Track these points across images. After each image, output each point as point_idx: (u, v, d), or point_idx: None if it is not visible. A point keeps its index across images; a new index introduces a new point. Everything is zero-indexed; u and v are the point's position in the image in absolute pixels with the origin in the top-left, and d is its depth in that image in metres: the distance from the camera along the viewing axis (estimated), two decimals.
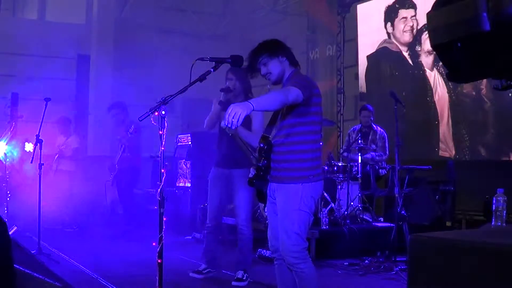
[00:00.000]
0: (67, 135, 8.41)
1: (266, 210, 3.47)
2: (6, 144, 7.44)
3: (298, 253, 3.19)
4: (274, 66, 3.35)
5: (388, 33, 8.97)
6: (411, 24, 8.53)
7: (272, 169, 3.31)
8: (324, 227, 5.93)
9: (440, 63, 7.16)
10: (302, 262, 3.19)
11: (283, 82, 3.38)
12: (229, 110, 2.83)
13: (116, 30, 11.43)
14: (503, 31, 2.15)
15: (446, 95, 7.92)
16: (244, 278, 4.80)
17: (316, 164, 3.30)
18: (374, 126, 7.22)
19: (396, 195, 5.68)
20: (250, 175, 3.37)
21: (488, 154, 7.36)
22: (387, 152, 7.09)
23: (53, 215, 7.32)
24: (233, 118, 2.82)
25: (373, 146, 7.09)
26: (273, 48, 3.37)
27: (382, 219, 6.75)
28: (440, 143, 7.93)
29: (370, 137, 7.17)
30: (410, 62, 8.57)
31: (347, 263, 5.47)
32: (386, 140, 7.14)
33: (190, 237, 7.20)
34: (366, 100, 9.08)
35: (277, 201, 3.30)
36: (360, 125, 7.33)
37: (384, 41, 9.03)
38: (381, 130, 7.20)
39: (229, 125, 2.85)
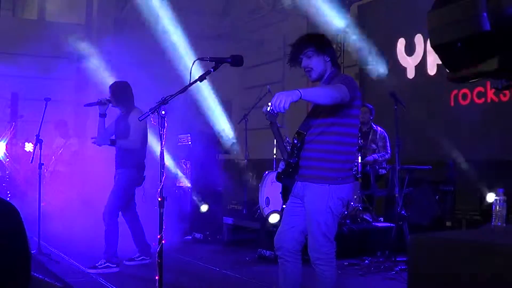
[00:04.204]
0: (66, 138, 8.39)
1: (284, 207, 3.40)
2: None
3: (324, 254, 3.16)
4: (318, 63, 3.22)
5: None
6: None
7: (301, 167, 3.23)
8: None
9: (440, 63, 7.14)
10: (325, 264, 3.16)
11: (322, 81, 3.28)
12: (275, 97, 2.80)
13: (116, 30, 11.42)
14: (503, 31, 2.15)
15: (447, 95, 7.91)
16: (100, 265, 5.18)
17: (347, 167, 3.22)
18: (374, 126, 7.17)
19: (396, 195, 5.68)
20: (279, 170, 3.32)
21: (488, 154, 7.35)
22: (389, 151, 6.99)
23: (52, 215, 7.32)
24: (279, 103, 2.78)
25: (373, 146, 7.04)
26: (322, 44, 3.24)
27: (382, 219, 6.74)
28: (440, 143, 7.92)
29: (370, 137, 7.10)
30: None
31: (347, 263, 5.46)
32: (387, 140, 7.06)
33: (190, 237, 7.20)
34: (366, 100, 9.06)
35: (305, 201, 3.22)
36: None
37: None
38: (381, 130, 7.14)
39: (273, 111, 2.82)
